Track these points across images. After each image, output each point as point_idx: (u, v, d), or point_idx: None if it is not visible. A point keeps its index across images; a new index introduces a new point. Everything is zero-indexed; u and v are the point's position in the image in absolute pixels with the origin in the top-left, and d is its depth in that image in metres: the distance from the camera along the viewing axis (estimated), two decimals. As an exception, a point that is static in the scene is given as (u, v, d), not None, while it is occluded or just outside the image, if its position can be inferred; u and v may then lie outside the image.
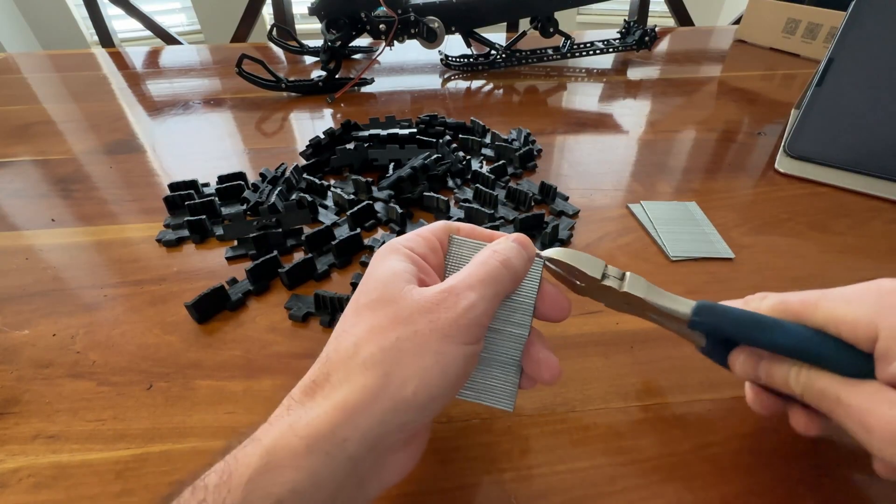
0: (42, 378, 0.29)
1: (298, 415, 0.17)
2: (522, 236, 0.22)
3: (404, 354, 0.17)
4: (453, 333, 0.18)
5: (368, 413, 0.16)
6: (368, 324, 0.18)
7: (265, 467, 0.15)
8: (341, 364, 0.18)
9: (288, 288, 0.35)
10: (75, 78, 0.76)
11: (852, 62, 0.49)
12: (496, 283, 0.19)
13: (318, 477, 0.16)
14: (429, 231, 0.22)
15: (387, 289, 0.19)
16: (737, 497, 0.23)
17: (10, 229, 0.42)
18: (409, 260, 0.20)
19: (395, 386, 0.17)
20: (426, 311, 0.18)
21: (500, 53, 0.75)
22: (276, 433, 0.16)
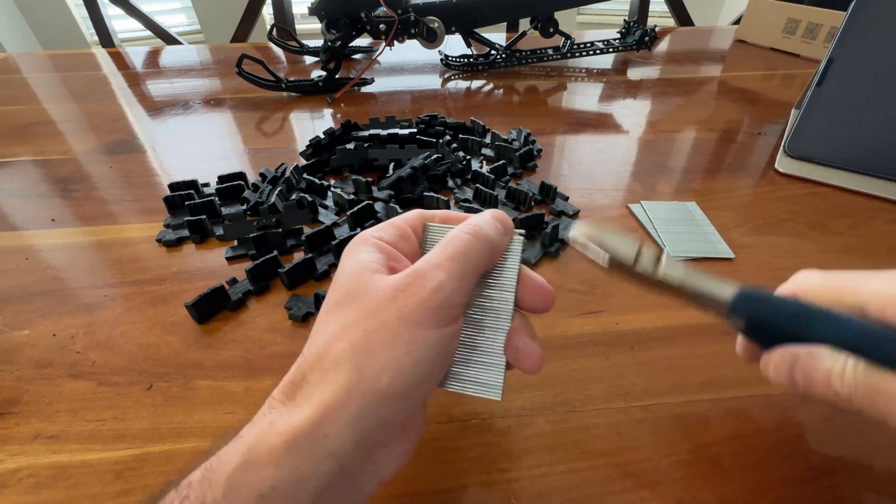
0: (42, 378, 0.29)
1: (279, 413, 0.17)
2: (497, 210, 0.21)
3: (374, 346, 0.17)
4: (422, 319, 0.17)
5: (345, 409, 0.16)
6: (338, 321, 0.18)
7: (246, 464, 0.15)
8: (315, 364, 0.17)
9: (288, 288, 0.35)
10: (75, 78, 0.76)
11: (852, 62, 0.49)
12: (467, 257, 0.18)
13: (299, 473, 0.15)
14: (400, 219, 0.22)
15: (354, 283, 0.18)
16: (737, 497, 0.23)
17: (10, 229, 0.42)
18: (377, 249, 0.20)
19: (369, 380, 0.16)
20: (392, 298, 0.17)
21: (500, 53, 0.75)
22: (257, 431, 0.16)
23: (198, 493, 0.15)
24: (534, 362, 0.20)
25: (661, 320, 0.32)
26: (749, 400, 0.27)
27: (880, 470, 0.24)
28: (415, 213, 0.22)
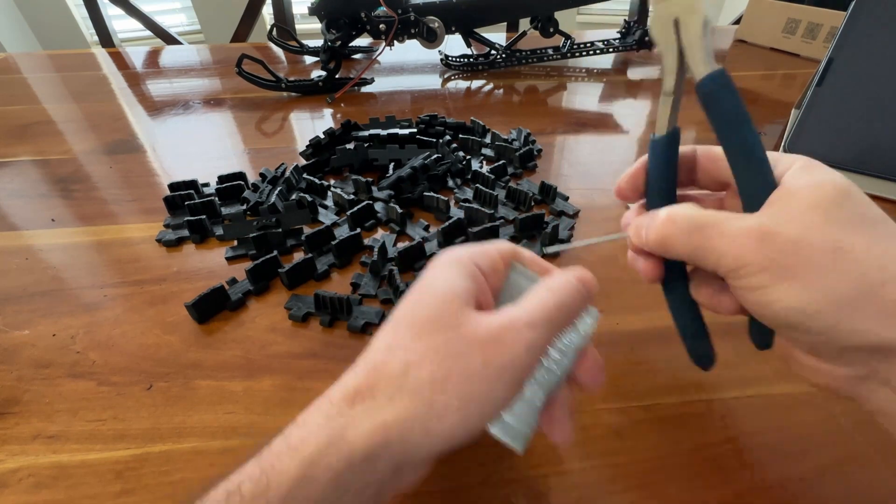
0: (42, 378, 0.29)
1: (339, 427, 0.17)
2: (585, 275, 0.20)
3: (452, 386, 0.17)
4: (504, 377, 0.17)
5: (405, 438, 0.17)
6: (423, 345, 0.18)
7: (303, 479, 0.16)
8: (389, 381, 0.17)
9: (288, 288, 0.35)
10: (75, 78, 0.76)
11: (852, 62, 0.49)
12: (554, 323, 0.19)
13: (348, 490, 0.16)
14: (495, 249, 0.22)
15: (445, 309, 0.18)
16: (737, 497, 0.23)
17: (10, 229, 0.42)
18: (471, 278, 0.20)
19: (436, 417, 0.17)
20: (483, 345, 0.17)
21: (500, 53, 0.75)
22: (316, 447, 0.16)
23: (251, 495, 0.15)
24: (564, 436, 0.21)
25: (661, 320, 0.32)
26: (749, 400, 0.27)
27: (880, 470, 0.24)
28: (508, 246, 0.22)
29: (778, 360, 0.29)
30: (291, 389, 0.28)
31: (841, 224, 0.17)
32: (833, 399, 0.26)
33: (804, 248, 0.16)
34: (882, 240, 0.16)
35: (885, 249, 0.16)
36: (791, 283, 0.17)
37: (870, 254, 0.16)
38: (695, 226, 0.19)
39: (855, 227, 0.17)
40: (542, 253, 0.32)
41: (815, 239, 0.16)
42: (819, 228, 0.16)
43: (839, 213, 0.17)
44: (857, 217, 0.17)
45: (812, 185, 0.17)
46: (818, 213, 0.17)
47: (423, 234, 0.40)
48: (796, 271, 0.16)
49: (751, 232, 0.17)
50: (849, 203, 0.17)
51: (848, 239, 0.16)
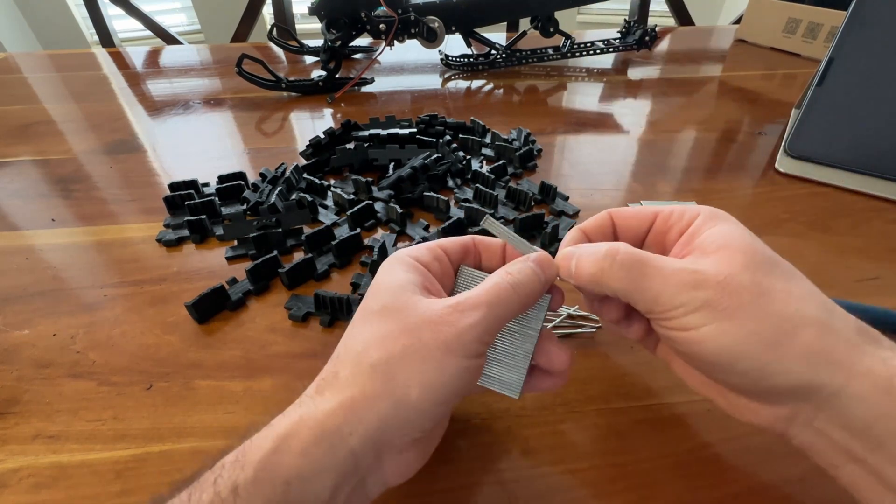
0: (42, 378, 0.29)
1: (309, 408, 0.18)
2: (544, 256, 0.22)
3: (409, 361, 0.18)
4: (455, 348, 0.18)
5: (371, 411, 0.18)
6: (377, 329, 0.19)
7: (276, 451, 0.17)
8: (350, 364, 0.19)
9: (288, 288, 0.35)
10: (75, 78, 0.76)
11: (853, 62, 0.49)
12: (502, 305, 0.20)
13: (322, 465, 0.17)
14: (434, 242, 0.23)
15: (395, 297, 0.20)
16: (736, 497, 0.23)
17: (10, 229, 0.42)
18: (414, 270, 0.21)
19: (399, 389, 0.18)
20: (432, 323, 0.19)
21: (500, 53, 0.75)
22: (287, 423, 0.18)
23: (230, 474, 0.16)
24: (563, 360, 0.22)
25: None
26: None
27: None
28: (456, 239, 0.24)
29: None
30: (291, 389, 0.28)
31: (761, 269, 0.18)
32: None
33: (735, 291, 0.17)
34: (796, 284, 0.18)
35: (800, 293, 0.18)
36: (721, 325, 0.17)
37: (789, 297, 0.17)
38: (636, 262, 0.19)
39: (772, 272, 0.18)
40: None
41: (744, 282, 0.18)
42: (744, 273, 0.18)
43: (757, 259, 0.18)
44: (772, 263, 0.18)
45: (728, 235, 0.19)
46: (741, 260, 0.18)
47: (423, 234, 0.40)
48: (728, 313, 0.17)
49: (688, 274, 0.18)
50: (761, 251, 0.19)
51: (768, 282, 0.18)
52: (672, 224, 0.22)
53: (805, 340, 0.17)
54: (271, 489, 0.16)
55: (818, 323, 0.17)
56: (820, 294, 0.18)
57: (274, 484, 0.16)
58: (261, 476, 0.16)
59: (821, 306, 0.18)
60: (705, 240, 0.20)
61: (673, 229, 0.22)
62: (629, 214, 0.23)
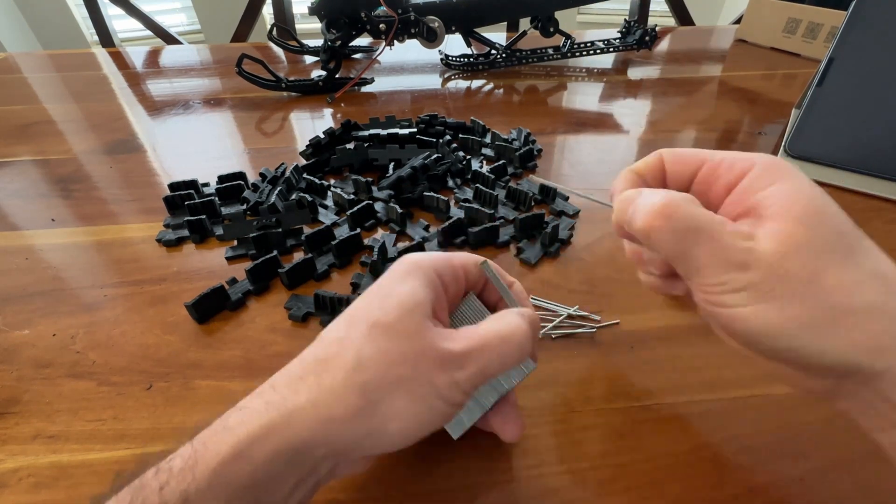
0: (42, 378, 0.29)
1: (279, 412, 0.17)
2: (536, 317, 0.22)
3: (399, 394, 0.17)
4: (447, 395, 0.18)
5: (344, 429, 0.17)
6: (378, 347, 0.18)
7: (237, 458, 0.16)
8: (337, 375, 0.18)
9: (288, 288, 0.35)
10: (75, 78, 0.76)
11: (853, 62, 0.49)
12: (499, 362, 0.19)
13: (282, 474, 0.16)
14: (459, 259, 0.22)
15: (406, 318, 0.18)
16: (736, 497, 0.23)
17: (10, 229, 0.42)
18: (432, 288, 0.20)
19: (380, 418, 0.17)
20: (435, 361, 0.18)
21: (500, 53, 0.75)
22: (253, 427, 0.16)
23: (179, 481, 0.15)
24: (515, 432, 0.22)
25: (662, 320, 0.32)
26: (749, 400, 0.27)
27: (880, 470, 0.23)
28: (473, 258, 0.23)
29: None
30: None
31: (820, 248, 0.17)
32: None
33: (784, 276, 0.16)
34: (854, 265, 0.17)
35: (855, 278, 0.16)
36: (764, 307, 0.17)
37: (840, 283, 0.16)
38: (690, 228, 0.18)
39: (833, 249, 0.17)
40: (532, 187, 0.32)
41: (794, 267, 0.16)
42: (798, 255, 0.16)
43: (818, 234, 0.17)
44: (834, 237, 0.17)
45: (791, 199, 0.17)
46: (799, 237, 0.17)
47: (423, 234, 0.40)
48: (772, 296, 0.17)
49: (739, 252, 0.17)
50: (825, 221, 0.17)
51: (823, 265, 0.16)
52: (720, 175, 0.20)
53: (850, 328, 0.16)
54: (226, 498, 0.15)
55: (869, 310, 0.16)
56: (882, 274, 0.17)
57: (230, 493, 0.15)
58: (216, 483, 0.15)
59: (877, 291, 0.16)
60: (765, 199, 0.18)
61: (720, 181, 0.20)
62: (677, 158, 0.22)
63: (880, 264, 0.17)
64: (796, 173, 0.18)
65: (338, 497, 0.23)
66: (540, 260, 0.37)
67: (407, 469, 0.24)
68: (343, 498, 0.23)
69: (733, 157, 0.20)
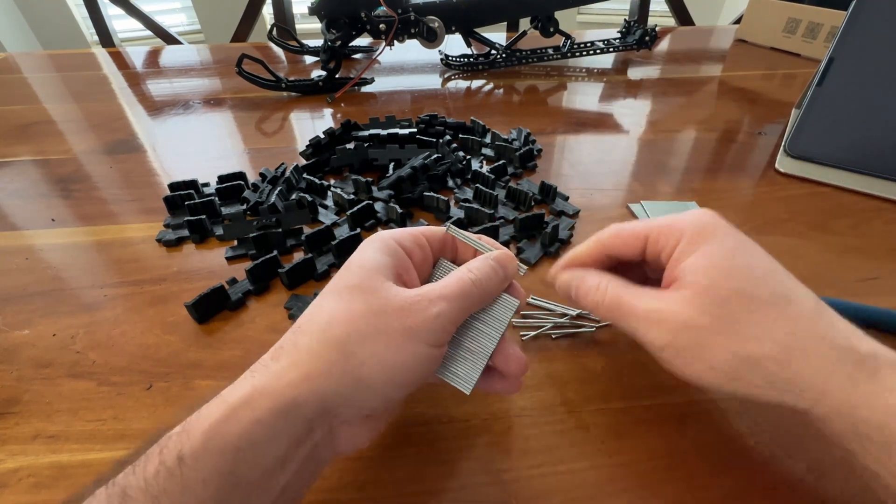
0: (42, 378, 0.29)
1: (264, 377, 0.18)
2: (504, 254, 0.24)
3: (370, 340, 0.19)
4: (418, 334, 0.19)
5: (327, 384, 0.18)
6: (345, 307, 0.20)
7: (227, 419, 0.17)
8: (312, 334, 0.19)
9: (288, 288, 0.35)
10: (76, 78, 0.76)
11: (853, 62, 0.49)
12: (465, 298, 0.21)
13: (275, 431, 0.17)
14: (419, 229, 0.24)
15: (368, 278, 0.20)
16: (736, 497, 0.23)
17: (10, 229, 0.42)
18: (392, 254, 0.22)
19: (355, 364, 0.18)
20: (399, 308, 0.19)
21: (500, 53, 0.75)
22: (240, 392, 0.17)
23: (175, 443, 0.16)
24: (520, 365, 0.23)
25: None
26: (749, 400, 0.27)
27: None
28: (438, 229, 0.25)
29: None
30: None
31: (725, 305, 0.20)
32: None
33: (693, 332, 0.20)
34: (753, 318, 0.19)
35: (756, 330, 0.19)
36: (684, 360, 0.21)
37: (743, 334, 0.19)
38: (615, 306, 0.23)
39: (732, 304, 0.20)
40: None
41: (703, 322, 0.20)
42: (703, 315, 0.20)
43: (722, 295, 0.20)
44: (736, 293, 0.20)
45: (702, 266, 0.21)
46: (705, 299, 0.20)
47: (423, 233, 0.39)
48: (687, 352, 0.20)
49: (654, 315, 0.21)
50: (733, 281, 0.20)
51: (728, 321, 0.20)
52: (661, 248, 0.23)
53: (762, 373, 0.19)
54: (220, 456, 0.16)
55: (772, 357, 0.19)
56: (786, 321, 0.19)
57: (223, 451, 0.16)
58: (210, 444, 0.16)
59: (780, 338, 0.19)
60: (683, 270, 0.21)
61: (663, 252, 0.23)
62: (620, 239, 0.25)
63: (789, 309, 0.20)
64: (718, 234, 0.22)
65: (338, 497, 0.23)
66: (540, 260, 0.37)
67: (407, 469, 0.24)
68: (343, 498, 0.23)
69: (669, 229, 0.23)
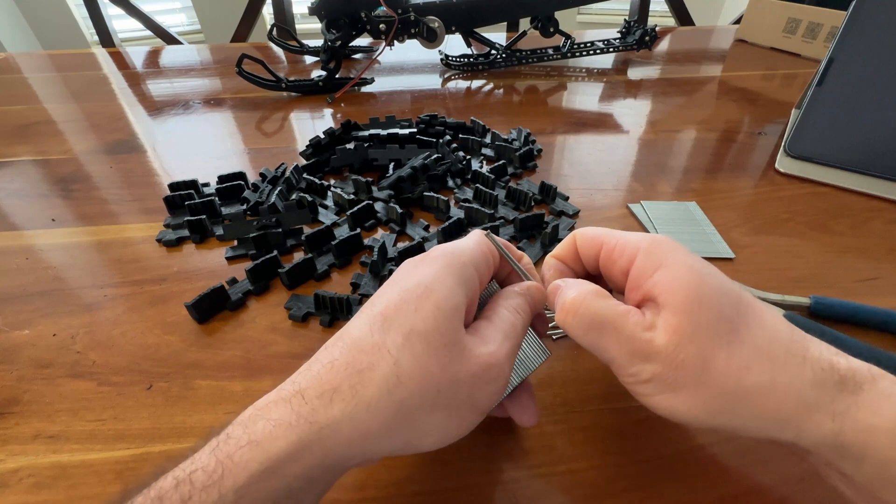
0: (42, 378, 0.29)
1: (312, 426, 0.16)
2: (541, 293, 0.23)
3: (438, 410, 0.18)
4: (481, 408, 0.19)
5: (382, 446, 0.17)
6: (417, 361, 0.17)
7: (265, 475, 0.15)
8: (374, 387, 0.17)
9: (288, 288, 0.35)
10: (76, 78, 0.76)
11: (853, 62, 0.49)
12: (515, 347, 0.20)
13: (314, 486, 0.17)
14: (487, 246, 0.22)
15: (445, 325, 0.18)
16: (737, 497, 0.23)
17: (10, 229, 0.42)
18: (469, 287, 0.20)
19: (416, 433, 0.18)
20: (472, 377, 0.18)
21: (500, 53, 0.75)
22: (285, 444, 0.16)
23: (203, 497, 0.14)
24: (532, 419, 0.23)
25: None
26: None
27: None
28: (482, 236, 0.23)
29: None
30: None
31: (707, 334, 0.18)
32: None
33: (681, 366, 0.18)
34: (737, 350, 0.18)
35: (742, 361, 0.18)
36: (670, 396, 0.18)
37: (728, 368, 0.18)
38: (594, 322, 0.20)
39: (715, 337, 0.18)
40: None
41: (687, 357, 0.18)
42: (691, 344, 0.18)
43: (703, 321, 0.18)
44: (715, 324, 0.18)
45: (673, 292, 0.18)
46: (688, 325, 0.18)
47: (423, 234, 0.40)
48: (674, 386, 0.18)
49: (641, 344, 0.19)
50: (707, 304, 0.18)
51: (712, 352, 0.18)
52: (615, 260, 0.21)
53: (749, 407, 0.18)
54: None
55: (760, 390, 0.17)
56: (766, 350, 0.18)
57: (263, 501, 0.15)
58: (245, 500, 0.15)
59: (763, 370, 0.17)
60: (654, 287, 0.19)
61: (615, 266, 0.21)
62: (584, 241, 0.23)
63: (765, 337, 0.18)
64: (675, 255, 0.19)
65: (338, 497, 0.23)
66: (540, 260, 0.37)
67: (407, 469, 0.24)
68: (343, 498, 0.23)
69: (624, 241, 0.21)
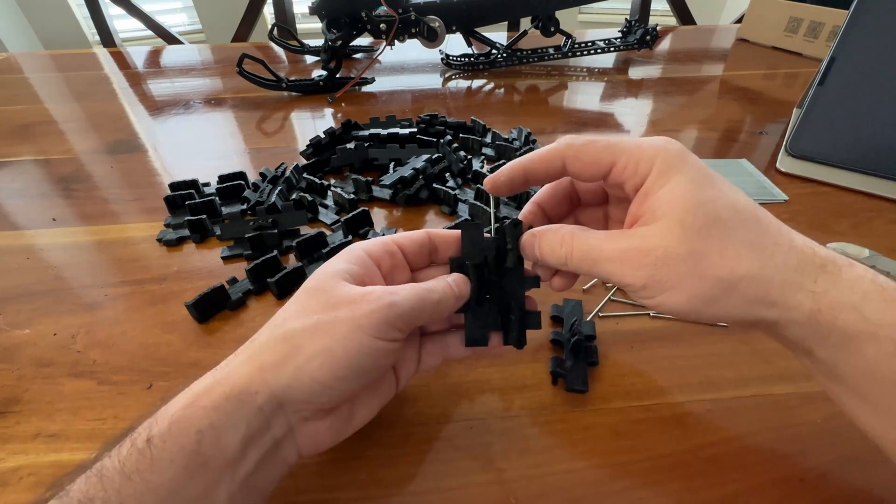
0: (43, 377, 0.29)
1: (222, 371, 0.20)
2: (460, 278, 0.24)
3: (318, 333, 0.20)
4: (364, 324, 0.20)
5: (276, 375, 0.19)
6: (299, 305, 0.21)
7: (189, 405, 0.18)
8: (266, 332, 0.21)
9: (278, 297, 0.34)
10: (77, 78, 0.76)
11: (854, 61, 0.48)
12: (419, 305, 0.21)
13: (231, 418, 0.18)
14: (391, 237, 0.25)
15: (324, 281, 0.22)
16: (737, 497, 0.23)
17: (11, 229, 0.42)
18: (356, 262, 0.23)
19: (303, 358, 0.19)
20: (349, 300, 0.20)
21: (500, 53, 0.75)
22: (202, 384, 0.19)
23: (144, 428, 0.18)
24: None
25: (661, 320, 0.32)
26: (749, 400, 0.27)
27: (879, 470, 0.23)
28: (417, 233, 0.25)
29: (778, 359, 0.29)
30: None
31: (700, 234, 0.19)
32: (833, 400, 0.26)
33: (672, 264, 0.20)
34: (732, 240, 0.19)
35: (734, 251, 0.19)
36: (666, 294, 0.20)
37: (723, 259, 0.19)
38: (586, 257, 0.22)
39: (710, 233, 0.19)
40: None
41: (680, 253, 0.19)
42: (681, 244, 0.19)
43: (696, 224, 0.20)
44: (710, 222, 0.20)
45: (673, 198, 0.20)
46: (679, 230, 0.20)
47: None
48: (669, 284, 0.20)
49: (632, 253, 0.20)
50: (703, 210, 0.20)
51: (704, 248, 0.19)
52: (628, 177, 0.22)
53: (740, 293, 0.19)
54: (185, 438, 0.17)
55: (750, 276, 0.19)
56: (758, 244, 0.19)
57: (187, 433, 0.17)
58: (174, 428, 0.18)
59: (755, 257, 0.19)
60: (654, 203, 0.21)
61: (629, 182, 0.22)
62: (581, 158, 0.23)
63: (758, 230, 0.20)
64: (685, 166, 0.21)
65: (338, 497, 0.23)
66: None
67: (407, 469, 0.24)
68: (343, 497, 0.23)
69: (639, 158, 0.21)
